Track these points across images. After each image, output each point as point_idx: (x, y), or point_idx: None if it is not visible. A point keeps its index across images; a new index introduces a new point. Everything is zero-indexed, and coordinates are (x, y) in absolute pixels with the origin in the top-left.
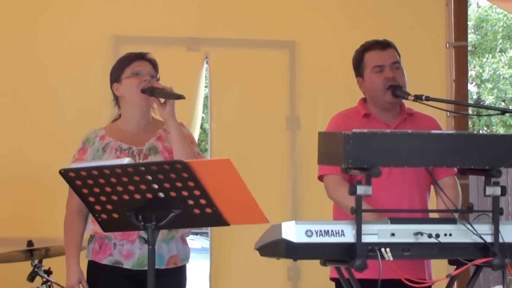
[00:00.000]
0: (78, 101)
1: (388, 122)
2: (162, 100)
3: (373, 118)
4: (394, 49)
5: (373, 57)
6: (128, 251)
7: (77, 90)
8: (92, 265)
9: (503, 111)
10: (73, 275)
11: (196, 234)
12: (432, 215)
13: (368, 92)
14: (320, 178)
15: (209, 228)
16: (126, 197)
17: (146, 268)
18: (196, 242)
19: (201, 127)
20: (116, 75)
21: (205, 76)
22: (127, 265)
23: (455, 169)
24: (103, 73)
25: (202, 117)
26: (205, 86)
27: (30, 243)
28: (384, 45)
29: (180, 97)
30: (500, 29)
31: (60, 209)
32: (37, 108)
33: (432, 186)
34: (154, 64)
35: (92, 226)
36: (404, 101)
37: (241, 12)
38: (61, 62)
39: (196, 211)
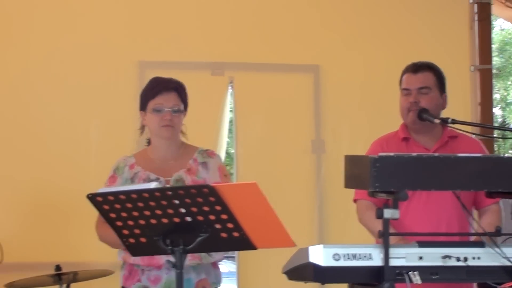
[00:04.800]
0: (103, 126)
1: (427, 145)
2: None
3: (412, 142)
4: (431, 73)
5: (405, 79)
6: (155, 276)
7: (103, 115)
8: None
9: None
10: None
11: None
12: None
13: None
14: (355, 201)
15: (236, 252)
16: (153, 221)
17: None
18: (223, 266)
19: (226, 152)
20: (142, 103)
21: (230, 101)
22: None
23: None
24: (128, 98)
25: (227, 141)
26: (230, 111)
27: (58, 267)
28: (417, 68)
29: None
30: None
31: (88, 233)
32: (64, 133)
33: (474, 210)
34: (180, 92)
35: (123, 254)
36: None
37: (265, 36)
38: (86, 87)
39: (224, 235)
